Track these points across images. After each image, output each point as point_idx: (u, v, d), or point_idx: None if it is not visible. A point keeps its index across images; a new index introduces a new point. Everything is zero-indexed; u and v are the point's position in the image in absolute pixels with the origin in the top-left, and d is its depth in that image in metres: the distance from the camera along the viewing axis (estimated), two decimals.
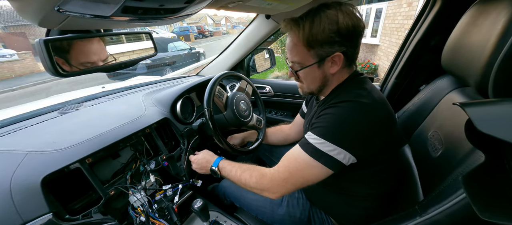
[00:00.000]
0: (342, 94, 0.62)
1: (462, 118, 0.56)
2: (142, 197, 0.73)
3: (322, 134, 0.58)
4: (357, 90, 0.61)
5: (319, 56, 0.62)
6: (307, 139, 0.61)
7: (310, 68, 0.64)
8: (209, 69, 1.57)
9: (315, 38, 0.59)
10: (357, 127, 0.57)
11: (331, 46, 0.59)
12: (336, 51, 0.60)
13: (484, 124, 0.30)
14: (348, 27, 0.57)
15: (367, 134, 0.57)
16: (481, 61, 0.51)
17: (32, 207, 0.55)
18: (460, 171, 0.49)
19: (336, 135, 0.57)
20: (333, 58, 0.61)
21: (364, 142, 0.58)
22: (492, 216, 0.30)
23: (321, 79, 0.66)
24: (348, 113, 0.57)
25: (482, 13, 0.58)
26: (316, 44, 0.60)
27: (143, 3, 0.41)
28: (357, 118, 0.57)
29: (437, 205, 0.46)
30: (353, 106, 0.58)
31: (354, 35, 0.60)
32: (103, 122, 0.82)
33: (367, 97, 0.59)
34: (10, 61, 9.38)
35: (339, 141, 0.56)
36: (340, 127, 0.57)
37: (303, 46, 0.61)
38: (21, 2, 0.37)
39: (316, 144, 0.58)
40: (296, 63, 0.66)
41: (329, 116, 0.59)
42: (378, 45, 6.03)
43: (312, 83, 0.68)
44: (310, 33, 0.59)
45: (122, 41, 0.76)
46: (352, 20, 0.58)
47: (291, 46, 0.64)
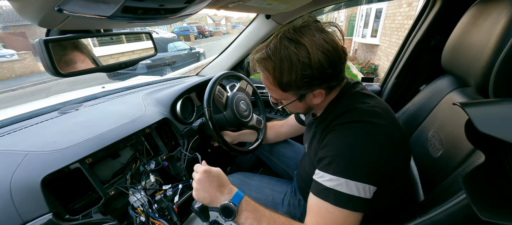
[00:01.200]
0: (346, 113, 0.54)
1: (462, 118, 0.56)
2: (142, 197, 0.73)
3: (338, 172, 0.48)
4: (361, 105, 0.53)
5: (297, 95, 0.56)
6: (322, 183, 0.50)
7: (291, 104, 0.59)
8: (209, 69, 1.57)
9: (288, 84, 0.52)
10: (374, 155, 0.48)
11: (308, 87, 0.53)
12: (315, 89, 0.54)
13: (484, 124, 0.30)
14: (324, 69, 0.49)
15: (388, 159, 0.49)
16: (482, 61, 0.51)
17: (32, 207, 0.55)
18: (460, 171, 0.49)
19: (353, 168, 0.47)
20: (314, 94, 0.56)
21: (385, 168, 0.49)
22: (492, 216, 0.30)
23: (306, 109, 0.63)
24: (358, 137, 0.49)
25: (483, 13, 0.58)
26: (291, 88, 0.54)
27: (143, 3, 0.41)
28: (371, 143, 0.48)
29: (437, 205, 0.46)
30: (366, 129, 0.49)
31: (334, 69, 0.51)
32: (103, 122, 0.82)
33: (376, 115, 0.51)
34: (10, 61, 9.38)
35: (358, 175, 0.47)
36: (354, 158, 0.48)
37: (278, 89, 0.55)
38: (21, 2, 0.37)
39: (335, 187, 0.48)
40: (276, 99, 0.62)
41: (336, 145, 0.50)
42: (378, 45, 6.03)
43: (296, 111, 0.67)
44: (281, 79, 0.52)
45: (122, 41, 0.76)
46: (327, 55, 0.49)
47: (267, 85, 0.58)
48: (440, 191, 0.51)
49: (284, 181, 0.96)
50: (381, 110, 0.53)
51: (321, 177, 0.51)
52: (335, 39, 0.51)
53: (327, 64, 0.49)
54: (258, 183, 0.92)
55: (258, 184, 0.92)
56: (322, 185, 0.50)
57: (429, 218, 0.47)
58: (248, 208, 0.53)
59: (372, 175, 0.47)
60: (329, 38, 0.50)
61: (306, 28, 0.51)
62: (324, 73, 0.50)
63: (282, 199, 0.84)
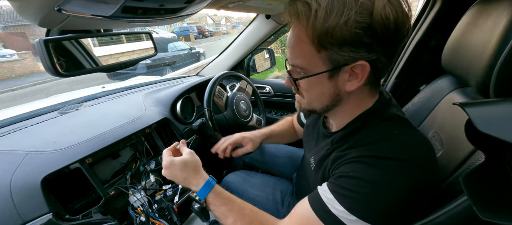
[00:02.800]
0: (376, 142, 0.43)
1: (462, 118, 0.56)
2: (142, 197, 0.73)
3: (353, 209, 0.40)
4: (400, 134, 0.43)
5: (333, 62, 0.40)
6: (327, 204, 0.43)
7: (317, 78, 0.43)
8: (209, 69, 1.58)
9: (331, 34, 0.37)
10: (402, 200, 0.40)
11: (354, 48, 0.38)
12: (360, 58, 0.39)
13: (484, 124, 0.30)
14: (387, 23, 0.36)
15: (412, 203, 0.42)
16: (482, 61, 0.51)
17: (32, 207, 0.55)
18: (461, 172, 0.49)
19: (373, 211, 0.40)
20: (353, 69, 0.41)
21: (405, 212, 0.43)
22: (492, 216, 0.30)
23: (331, 96, 0.45)
24: (393, 181, 0.40)
25: (483, 13, 0.58)
26: (332, 43, 0.38)
27: (143, 3, 0.41)
28: (408, 188, 0.40)
29: (438, 207, 0.46)
30: (405, 173, 0.40)
31: (394, 38, 0.38)
32: (103, 122, 0.82)
33: (420, 150, 0.42)
34: (10, 61, 9.38)
35: (375, 219, 0.40)
36: (380, 202, 0.40)
37: (311, 44, 0.40)
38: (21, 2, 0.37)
39: (343, 218, 0.41)
40: (298, 68, 0.45)
41: (364, 182, 0.40)
42: None
43: (317, 99, 0.47)
44: (325, 25, 0.36)
45: (122, 41, 0.76)
46: (396, 11, 0.36)
47: (294, 41, 0.42)
48: (441, 192, 0.51)
49: (284, 180, 0.95)
50: (421, 142, 0.43)
51: (330, 201, 0.43)
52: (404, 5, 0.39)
53: (393, 17, 0.36)
54: (260, 181, 0.92)
55: (260, 182, 0.91)
56: (327, 207, 0.43)
57: (430, 220, 0.47)
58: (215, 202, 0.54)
59: (389, 220, 0.41)
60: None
61: None
62: (385, 27, 0.36)
63: (282, 199, 0.84)
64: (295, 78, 0.46)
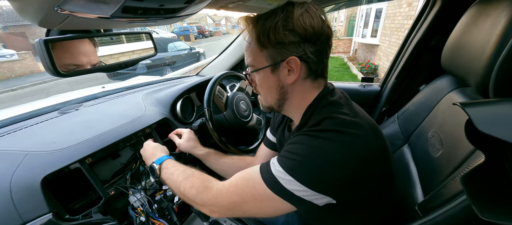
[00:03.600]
0: (322, 121, 0.49)
1: (462, 118, 0.56)
2: (142, 197, 0.73)
3: (290, 169, 0.45)
4: (340, 114, 0.49)
5: (273, 58, 0.52)
6: (271, 167, 0.48)
7: (263, 72, 0.54)
8: (209, 69, 1.58)
9: (266, 34, 0.50)
10: (343, 171, 0.44)
11: (285, 46, 0.50)
12: (291, 54, 0.50)
13: (484, 124, 0.30)
14: (305, 27, 0.47)
15: (355, 177, 0.45)
16: (482, 61, 0.51)
17: (32, 207, 0.55)
18: (461, 171, 0.49)
19: (311, 177, 0.44)
20: (288, 64, 0.51)
21: (349, 186, 0.45)
22: (492, 216, 0.30)
23: (278, 89, 0.56)
24: (332, 149, 0.44)
25: (482, 13, 0.58)
26: (268, 42, 0.50)
27: (143, 3, 0.41)
28: (344, 158, 0.43)
29: (437, 206, 0.46)
30: (340, 140, 0.44)
31: (314, 38, 0.49)
32: (103, 122, 0.82)
33: (356, 124, 0.46)
34: (10, 61, 9.38)
35: (314, 184, 0.43)
36: (319, 169, 0.43)
37: (256, 44, 0.53)
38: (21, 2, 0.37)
39: (280, 178, 0.45)
40: (250, 66, 0.58)
41: (305, 147, 0.46)
42: (378, 45, 6.03)
43: (269, 93, 0.58)
44: (262, 29, 0.50)
45: (122, 41, 0.76)
46: (313, 20, 0.48)
47: (246, 45, 0.57)
48: (440, 192, 0.51)
49: None
50: (362, 121, 0.48)
51: (273, 164, 0.48)
52: (322, 17, 0.50)
53: (309, 23, 0.48)
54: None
55: None
56: (270, 168, 0.48)
57: (429, 220, 0.47)
58: (168, 165, 0.66)
59: (328, 188, 0.44)
60: (316, 12, 0.50)
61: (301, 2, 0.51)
62: (305, 29, 0.48)
63: None
64: (248, 73, 0.59)
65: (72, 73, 0.59)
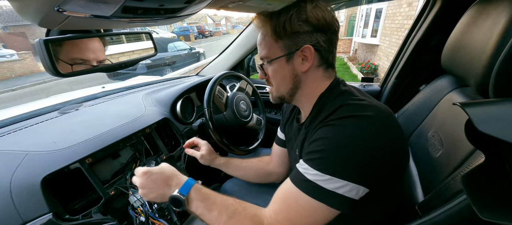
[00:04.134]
0: (339, 108, 0.50)
1: (462, 118, 0.56)
2: (142, 197, 0.73)
3: (324, 168, 0.44)
4: (355, 101, 0.50)
5: (287, 48, 0.55)
6: (304, 174, 0.47)
7: (278, 61, 0.57)
8: (209, 69, 1.58)
9: (282, 26, 0.54)
10: (369, 151, 0.44)
11: (299, 36, 0.54)
12: (305, 43, 0.53)
13: (484, 124, 0.30)
14: (318, 18, 0.52)
15: (384, 157, 0.45)
16: (482, 61, 0.51)
17: (32, 207, 0.55)
18: (461, 171, 0.49)
19: (344, 166, 0.44)
20: (303, 52, 0.54)
21: (379, 167, 0.45)
22: (492, 216, 0.30)
23: (292, 78, 0.58)
24: (354, 133, 0.45)
25: (482, 13, 0.58)
26: (283, 33, 0.54)
27: (143, 3, 0.41)
28: (367, 139, 0.44)
29: (437, 206, 0.46)
30: (359, 123, 0.45)
31: (326, 29, 0.54)
32: (103, 122, 0.82)
33: (370, 107, 0.48)
34: (10, 61, 9.39)
35: (348, 174, 0.43)
36: (348, 155, 0.44)
37: (271, 36, 0.56)
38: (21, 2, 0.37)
39: (318, 181, 0.44)
40: (264, 58, 0.60)
41: (329, 140, 0.46)
42: (378, 45, 6.03)
43: (282, 83, 0.59)
44: (277, 21, 0.54)
45: (122, 41, 0.76)
46: (324, 13, 0.53)
47: (260, 39, 0.60)
48: (440, 192, 0.51)
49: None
50: (378, 105, 0.50)
51: (305, 170, 0.47)
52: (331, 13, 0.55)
53: (321, 15, 0.52)
54: (257, 188, 0.92)
55: (257, 189, 0.91)
56: (303, 175, 0.47)
57: (429, 219, 0.47)
58: (198, 197, 0.54)
59: (362, 174, 0.44)
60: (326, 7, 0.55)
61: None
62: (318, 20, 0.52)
63: None
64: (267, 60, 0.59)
65: (72, 73, 0.59)
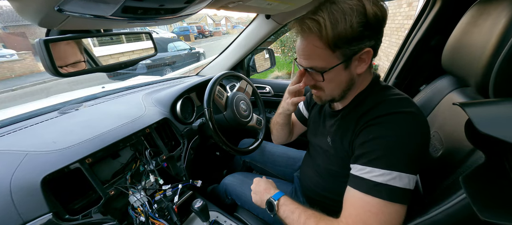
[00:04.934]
0: (379, 104, 0.53)
1: (462, 118, 0.56)
2: (142, 197, 0.73)
3: (391, 165, 0.46)
4: (394, 97, 0.54)
5: (346, 55, 0.52)
6: (370, 179, 0.48)
7: (335, 70, 0.53)
8: (209, 69, 1.58)
9: (342, 37, 0.48)
10: (420, 146, 0.48)
11: (360, 41, 0.50)
12: (365, 47, 0.51)
13: (484, 124, 0.30)
14: (378, 17, 0.49)
15: (426, 149, 0.51)
16: (482, 61, 0.51)
17: (32, 207, 0.55)
18: (461, 171, 0.49)
19: (407, 160, 0.47)
20: (361, 56, 0.52)
21: (424, 158, 0.50)
22: (492, 216, 0.30)
23: (348, 82, 0.56)
24: (408, 129, 0.48)
25: (483, 13, 0.58)
26: (342, 42, 0.49)
27: (143, 3, 0.41)
28: (416, 133, 0.48)
29: (437, 205, 0.46)
30: (407, 119, 0.49)
31: (382, 25, 0.51)
32: (103, 122, 0.82)
33: (411, 104, 0.52)
34: (10, 61, 9.37)
35: (410, 167, 0.47)
36: (408, 149, 0.47)
37: (327, 48, 0.51)
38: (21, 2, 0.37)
39: (389, 182, 0.46)
40: (318, 68, 0.55)
41: (387, 138, 0.48)
42: None
43: (337, 87, 0.57)
44: (335, 32, 0.48)
45: (122, 41, 0.76)
46: (379, 8, 0.49)
47: (310, 49, 0.53)
48: (440, 191, 0.51)
49: (284, 182, 0.96)
50: (413, 101, 0.54)
51: (369, 173, 0.48)
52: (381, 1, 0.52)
53: (380, 13, 0.49)
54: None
55: None
56: (372, 181, 0.47)
57: (429, 218, 0.47)
58: (285, 201, 0.63)
59: (417, 165, 0.48)
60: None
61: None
62: (378, 20, 0.49)
63: None
64: (322, 71, 0.54)
65: (72, 73, 0.59)
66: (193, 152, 1.02)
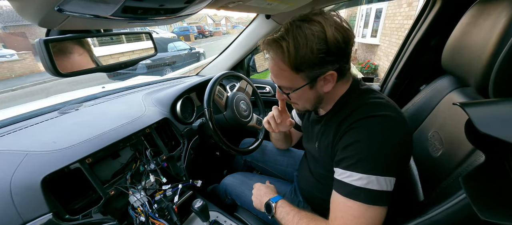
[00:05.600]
0: (358, 109, 0.55)
1: (462, 118, 0.56)
2: (142, 197, 0.73)
3: (369, 170, 0.48)
4: (375, 99, 0.55)
5: (309, 77, 0.54)
6: (350, 183, 0.50)
7: (301, 90, 0.57)
8: (209, 69, 1.58)
9: (303, 61, 0.50)
10: (398, 146, 0.50)
11: (322, 66, 0.52)
12: (328, 71, 0.52)
13: (484, 124, 0.30)
14: (339, 44, 0.50)
15: (405, 151, 0.53)
16: (482, 61, 0.51)
17: (32, 207, 0.55)
18: (460, 171, 0.49)
19: (384, 163, 0.48)
20: (325, 77, 0.54)
21: (402, 160, 0.53)
22: (492, 216, 0.30)
23: (315, 99, 0.60)
24: (384, 131, 0.50)
25: (483, 13, 0.58)
26: (305, 67, 0.52)
27: (143, 3, 0.41)
28: (394, 135, 0.50)
29: (437, 205, 0.46)
30: (384, 122, 0.50)
31: (346, 49, 0.52)
32: (103, 122, 0.82)
33: (391, 108, 0.53)
34: (10, 61, 9.37)
35: (388, 169, 0.48)
36: (384, 152, 0.49)
37: (291, 70, 0.53)
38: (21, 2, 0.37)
39: (366, 186, 0.48)
40: (284, 88, 0.59)
41: (363, 142, 0.50)
42: (378, 45, 6.03)
43: (307, 103, 0.61)
44: (297, 56, 0.50)
45: (122, 41, 0.76)
46: (341, 33, 0.50)
47: (276, 71, 0.56)
48: (440, 191, 0.51)
49: (284, 181, 0.96)
50: (392, 103, 0.56)
51: (349, 177, 0.50)
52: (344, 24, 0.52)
53: (341, 39, 0.50)
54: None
55: None
56: (351, 185, 0.50)
57: (429, 218, 0.47)
58: (283, 204, 0.67)
59: (394, 167, 0.49)
60: (339, 17, 0.52)
61: (314, 12, 0.53)
62: (339, 47, 0.50)
63: None
64: (286, 93, 0.60)
65: (72, 73, 0.59)
66: (193, 152, 1.02)
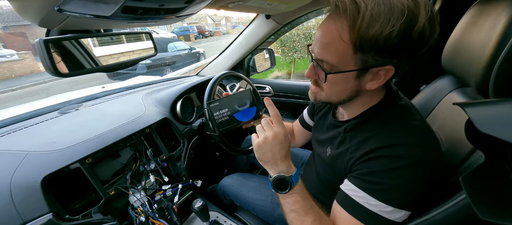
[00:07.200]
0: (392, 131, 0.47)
1: (462, 118, 0.56)
2: (142, 197, 0.73)
3: (391, 200, 0.43)
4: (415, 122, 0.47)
5: (364, 63, 0.42)
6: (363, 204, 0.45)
7: (344, 75, 0.44)
8: (209, 69, 1.58)
9: (375, 41, 0.38)
10: (425, 186, 0.45)
11: (389, 55, 0.40)
12: (389, 64, 0.41)
13: (484, 124, 0.30)
14: (423, 38, 0.38)
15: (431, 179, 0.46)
16: (482, 61, 0.51)
17: (32, 207, 0.55)
18: (461, 171, 0.49)
19: (408, 198, 0.44)
20: (379, 71, 0.43)
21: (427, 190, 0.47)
22: (492, 216, 0.30)
23: (352, 93, 0.48)
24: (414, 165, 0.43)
25: (483, 13, 0.58)
26: (371, 48, 0.39)
27: (143, 3, 0.41)
28: (424, 170, 0.44)
29: (437, 205, 0.46)
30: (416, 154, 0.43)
31: (422, 49, 0.41)
32: (103, 122, 0.82)
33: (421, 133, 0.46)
34: (10, 61, 9.37)
35: (409, 204, 0.45)
36: (411, 187, 0.44)
37: (351, 46, 0.40)
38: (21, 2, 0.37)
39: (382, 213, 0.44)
40: (328, 64, 0.45)
41: (393, 174, 0.44)
42: None
43: (338, 94, 0.49)
44: (370, 31, 0.37)
45: (122, 41, 0.76)
46: (431, 28, 0.39)
47: (331, 38, 0.42)
48: (440, 191, 0.51)
49: None
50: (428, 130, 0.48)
51: (363, 199, 0.45)
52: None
53: (428, 33, 0.38)
54: (257, 183, 0.91)
55: (257, 185, 0.91)
56: (364, 207, 0.45)
57: (429, 218, 0.47)
58: (301, 192, 0.50)
59: (416, 202, 0.45)
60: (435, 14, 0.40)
61: None
62: (419, 43, 0.39)
63: None
64: (327, 71, 0.45)
65: (72, 73, 0.59)
66: (193, 152, 1.02)
